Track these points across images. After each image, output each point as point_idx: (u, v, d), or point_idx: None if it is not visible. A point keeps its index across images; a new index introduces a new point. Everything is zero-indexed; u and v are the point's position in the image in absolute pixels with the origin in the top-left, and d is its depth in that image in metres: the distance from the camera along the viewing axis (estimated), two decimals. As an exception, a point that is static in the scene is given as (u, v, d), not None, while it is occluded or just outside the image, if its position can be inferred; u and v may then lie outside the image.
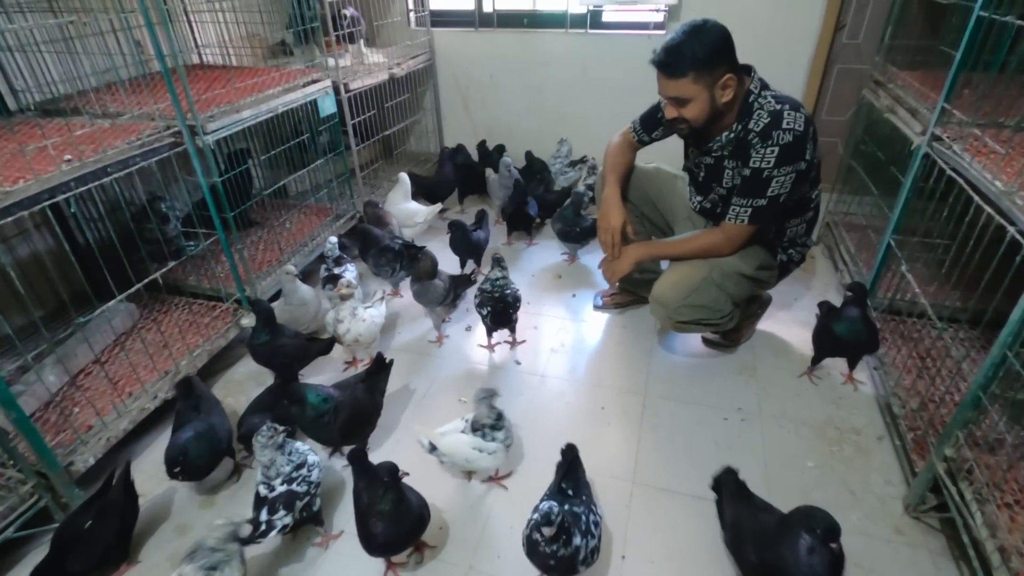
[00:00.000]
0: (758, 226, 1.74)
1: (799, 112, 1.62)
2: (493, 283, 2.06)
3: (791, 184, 1.65)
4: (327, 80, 2.47)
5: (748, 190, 1.69)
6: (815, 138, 1.66)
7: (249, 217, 2.64)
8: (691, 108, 1.66)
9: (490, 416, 1.53)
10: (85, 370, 1.87)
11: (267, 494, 1.38)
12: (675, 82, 1.63)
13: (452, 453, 1.54)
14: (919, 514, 1.51)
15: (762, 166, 1.64)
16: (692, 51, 1.57)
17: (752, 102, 1.67)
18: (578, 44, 3.19)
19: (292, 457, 1.43)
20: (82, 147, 1.56)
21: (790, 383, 2.00)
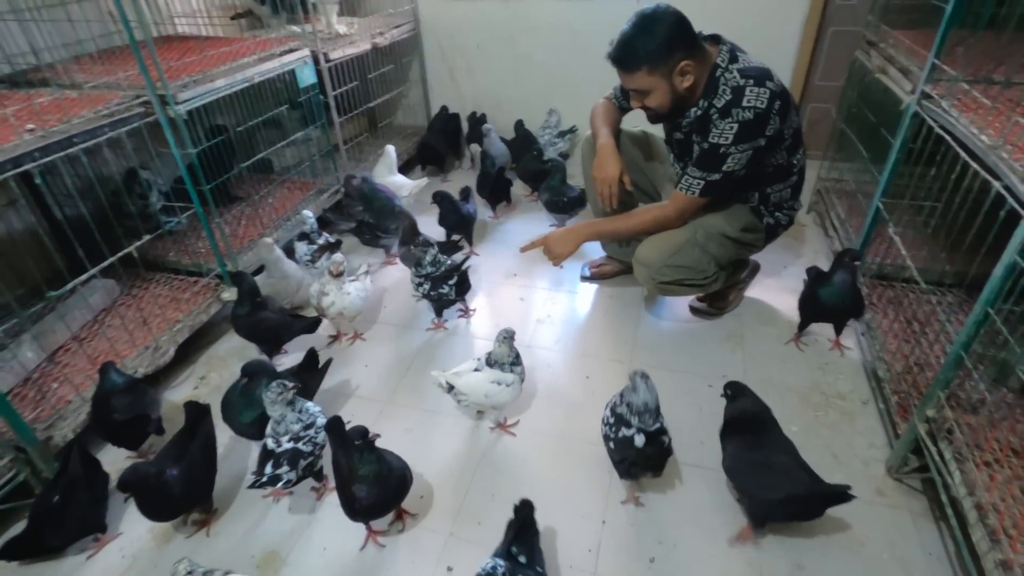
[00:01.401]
0: (709, 198, 1.73)
1: (763, 88, 1.57)
2: (435, 263, 2.03)
3: (748, 160, 1.64)
4: (305, 49, 2.41)
5: (703, 163, 1.68)
6: (785, 110, 1.62)
7: (231, 192, 2.60)
8: (652, 98, 1.66)
9: (509, 356, 1.59)
10: (64, 347, 1.86)
11: (274, 448, 1.41)
12: (631, 76, 1.63)
13: (471, 390, 1.59)
14: (901, 476, 1.51)
15: (719, 142, 1.62)
16: (643, 45, 1.57)
17: (718, 77, 1.64)
18: (566, 11, 3.11)
19: (302, 416, 1.45)
20: (46, 116, 1.52)
21: (777, 350, 1.98)
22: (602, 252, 2.44)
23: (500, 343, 1.59)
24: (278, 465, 1.39)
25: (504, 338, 1.58)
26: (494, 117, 3.41)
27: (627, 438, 1.34)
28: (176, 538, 1.48)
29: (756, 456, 1.37)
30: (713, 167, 1.66)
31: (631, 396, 1.35)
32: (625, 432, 1.35)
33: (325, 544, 1.44)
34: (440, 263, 2.05)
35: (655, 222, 1.83)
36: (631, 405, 1.35)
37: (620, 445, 1.36)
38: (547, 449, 1.67)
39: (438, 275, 2.04)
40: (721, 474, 1.55)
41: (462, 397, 1.61)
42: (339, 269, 1.92)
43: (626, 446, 1.35)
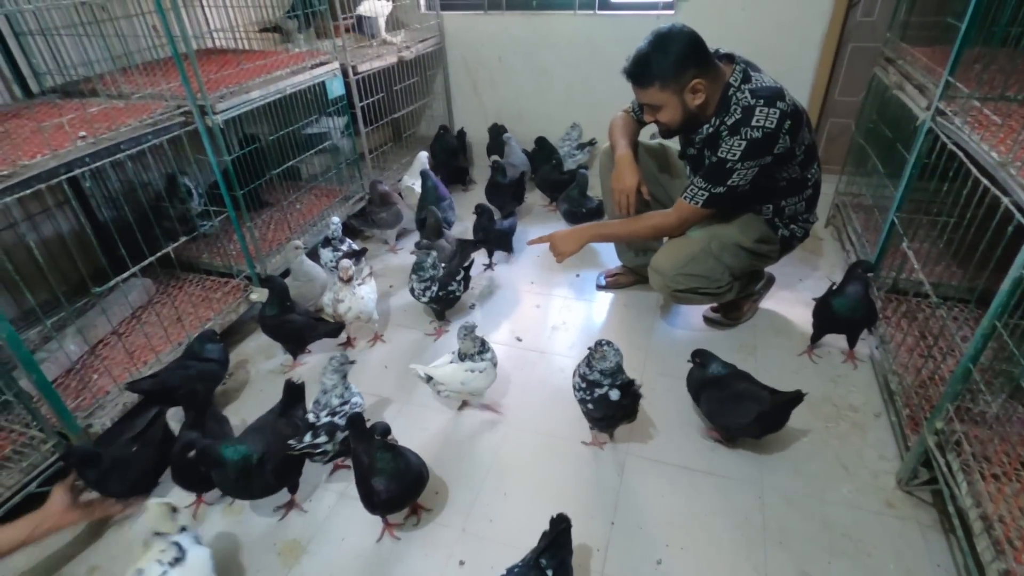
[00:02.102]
0: (712, 210, 1.78)
1: (774, 108, 1.61)
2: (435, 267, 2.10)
3: (753, 176, 1.69)
4: (335, 63, 2.51)
5: (710, 176, 1.73)
6: (796, 129, 1.66)
7: (261, 198, 2.71)
8: (664, 113, 1.73)
9: (474, 347, 1.71)
10: (104, 340, 1.96)
11: (314, 421, 1.53)
12: (644, 91, 1.70)
13: (447, 380, 1.70)
14: (911, 488, 1.51)
15: (727, 157, 1.67)
16: (657, 62, 1.63)
17: (731, 96, 1.69)
18: (587, 26, 3.18)
19: (344, 394, 1.59)
20: (96, 125, 1.63)
21: (789, 361, 2.00)
22: (618, 262, 2.49)
23: (462, 339, 1.70)
24: (317, 435, 1.50)
25: (464, 334, 1.69)
26: (515, 128, 3.48)
27: (604, 395, 1.54)
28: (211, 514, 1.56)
29: (725, 393, 1.62)
30: (718, 180, 1.70)
31: (602, 363, 1.53)
32: (599, 391, 1.54)
33: (343, 535, 1.50)
34: (439, 267, 2.13)
35: (655, 228, 1.89)
36: (603, 371, 1.53)
37: (599, 403, 1.55)
38: (558, 451, 1.71)
39: (443, 275, 2.12)
40: (732, 481, 1.58)
41: (441, 387, 1.73)
42: (348, 274, 1.99)
43: (605, 402, 1.54)
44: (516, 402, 1.89)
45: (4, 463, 1.52)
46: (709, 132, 1.75)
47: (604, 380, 1.53)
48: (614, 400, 1.53)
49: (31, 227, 2.04)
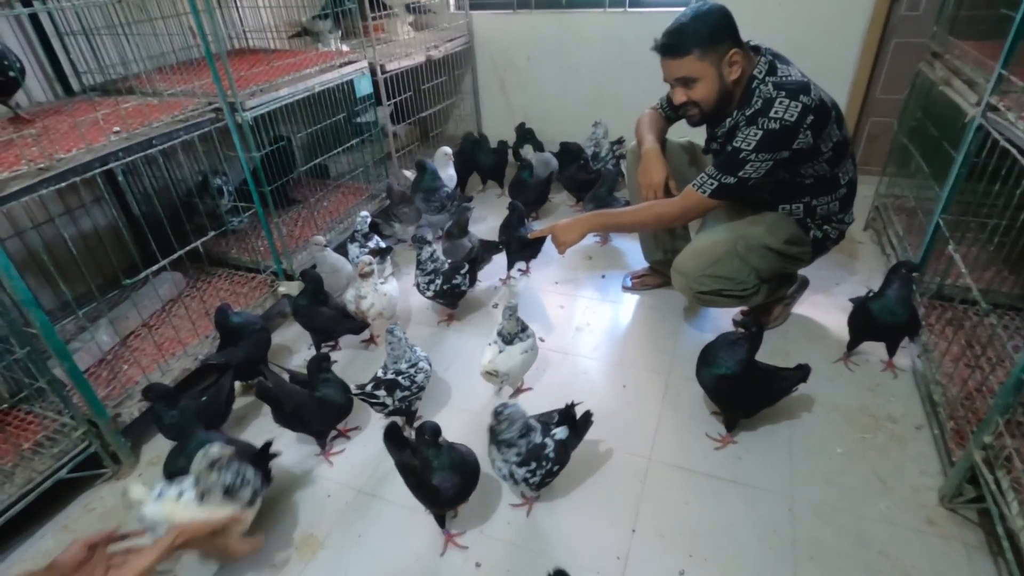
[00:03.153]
0: (718, 202, 1.71)
1: (796, 101, 1.54)
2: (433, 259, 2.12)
3: (767, 171, 1.61)
4: (363, 61, 2.53)
5: (722, 165, 1.66)
6: (822, 125, 1.58)
7: (289, 195, 2.74)
8: (700, 88, 1.65)
9: (517, 326, 1.75)
10: (135, 332, 2.01)
11: (381, 375, 1.66)
12: (680, 61, 1.62)
13: (513, 366, 1.75)
14: (955, 506, 1.42)
15: (741, 146, 1.61)
16: (695, 29, 1.58)
17: (754, 88, 1.63)
18: (616, 24, 3.14)
19: (411, 358, 1.69)
20: (130, 120, 1.67)
21: (823, 368, 1.91)
22: (644, 263, 2.43)
23: (507, 319, 1.74)
24: (378, 387, 1.63)
25: (509, 315, 1.73)
26: (542, 128, 3.45)
27: (550, 445, 1.42)
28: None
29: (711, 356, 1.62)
30: (730, 170, 1.64)
31: (509, 432, 1.36)
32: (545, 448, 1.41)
33: (360, 532, 1.50)
34: (438, 259, 2.14)
35: (658, 216, 1.83)
36: (511, 443, 1.37)
37: (558, 452, 1.43)
38: (579, 455, 1.65)
39: (447, 269, 2.12)
40: (760, 491, 1.52)
41: (505, 377, 1.77)
42: (365, 269, 1.99)
43: (561, 448, 1.44)
44: (537, 403, 1.85)
45: (36, 449, 1.56)
46: (731, 125, 1.69)
47: (531, 439, 1.38)
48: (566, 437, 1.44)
49: (70, 221, 2.11)
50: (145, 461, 1.75)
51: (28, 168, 1.40)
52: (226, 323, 1.84)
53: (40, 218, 1.90)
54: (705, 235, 1.87)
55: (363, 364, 2.09)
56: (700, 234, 1.91)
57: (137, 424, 1.74)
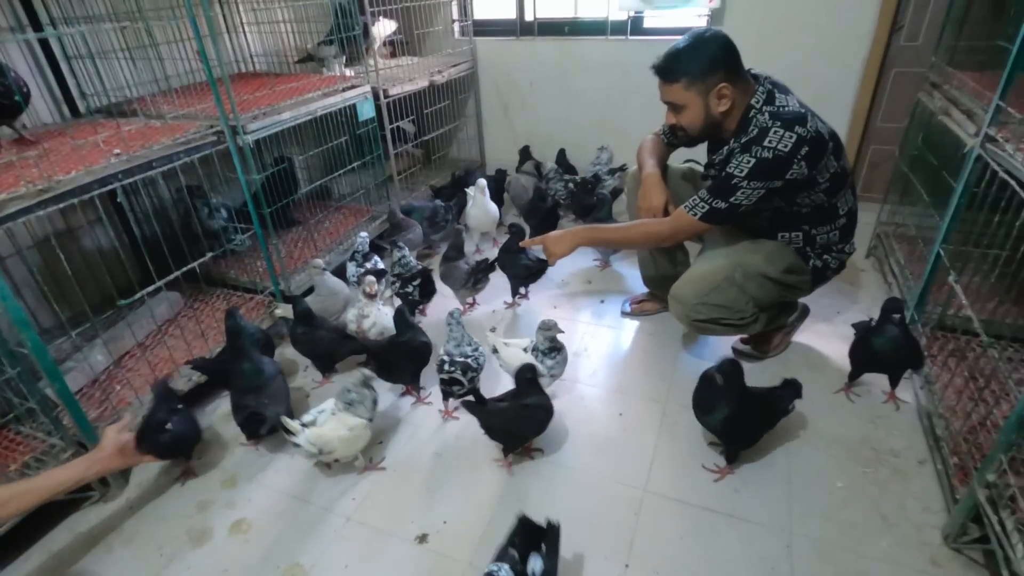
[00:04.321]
0: (708, 225, 1.71)
1: (791, 132, 1.54)
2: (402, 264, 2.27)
3: (759, 199, 1.61)
4: (367, 86, 2.57)
5: (715, 189, 1.67)
6: (817, 156, 1.57)
7: (290, 216, 2.76)
8: (685, 115, 1.68)
9: (543, 344, 1.79)
10: (129, 353, 2.00)
11: (450, 359, 1.77)
12: (669, 87, 1.66)
13: (508, 361, 1.83)
14: (960, 545, 1.38)
15: (734, 172, 1.61)
16: (687, 59, 1.60)
17: (751, 117, 1.64)
18: (618, 51, 3.18)
19: (470, 340, 1.83)
20: (131, 142, 1.69)
21: (824, 399, 1.88)
22: (644, 288, 2.42)
23: (539, 331, 1.80)
24: (453, 366, 1.76)
25: (544, 329, 1.79)
26: (545, 153, 3.48)
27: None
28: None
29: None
30: (721, 195, 1.64)
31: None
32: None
33: (347, 562, 1.46)
34: (408, 266, 2.25)
35: (647, 235, 1.85)
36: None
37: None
38: (573, 485, 1.64)
39: (406, 276, 2.24)
40: (758, 526, 1.48)
41: (502, 362, 1.87)
42: (373, 290, 1.99)
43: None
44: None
45: (23, 470, 1.54)
46: (727, 151, 1.70)
47: None
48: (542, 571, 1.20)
49: (70, 240, 2.12)
50: (135, 483, 1.73)
51: (27, 189, 1.41)
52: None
53: (39, 237, 1.92)
54: (703, 262, 1.86)
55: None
56: (698, 261, 1.90)
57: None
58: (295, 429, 1.57)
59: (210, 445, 1.85)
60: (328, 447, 1.58)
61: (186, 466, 1.74)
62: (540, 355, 1.80)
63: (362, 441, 1.64)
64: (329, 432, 1.58)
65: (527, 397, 1.60)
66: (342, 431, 1.59)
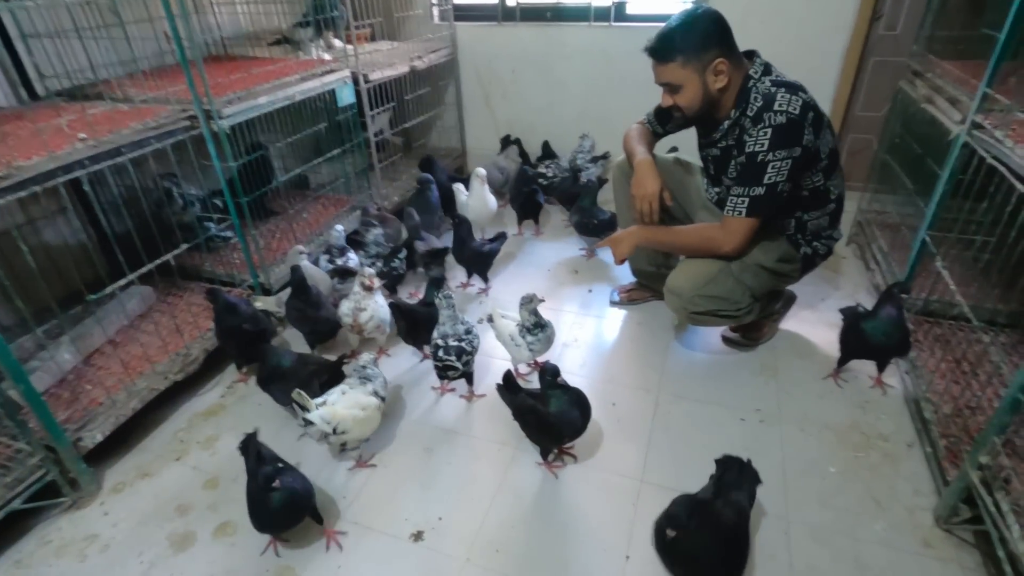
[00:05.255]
0: (759, 219, 1.66)
1: (796, 96, 1.54)
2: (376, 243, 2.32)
3: (788, 171, 1.57)
4: (346, 70, 2.47)
5: (744, 178, 1.63)
6: (819, 124, 1.58)
7: (267, 207, 2.66)
8: (683, 95, 1.64)
9: (528, 321, 1.81)
10: (99, 350, 1.90)
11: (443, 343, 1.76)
12: (665, 67, 1.62)
13: (498, 330, 1.88)
14: (951, 527, 1.40)
15: (756, 149, 1.58)
16: (681, 36, 1.57)
17: (750, 88, 1.62)
18: (602, 38, 3.13)
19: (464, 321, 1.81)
20: (97, 127, 1.58)
21: (813, 385, 1.90)
22: (631, 277, 2.40)
23: (520, 308, 1.81)
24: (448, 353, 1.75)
25: (523, 304, 1.80)
26: (528, 141, 3.44)
27: None
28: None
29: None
30: (754, 179, 1.60)
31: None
32: None
33: (340, 563, 1.41)
34: (381, 244, 2.26)
35: (702, 240, 1.77)
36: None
37: None
38: (569, 477, 1.62)
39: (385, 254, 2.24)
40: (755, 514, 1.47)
41: (495, 330, 1.91)
42: (372, 283, 1.93)
43: None
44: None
45: (-13, 477, 1.45)
46: (729, 125, 1.68)
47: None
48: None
49: (32, 232, 2.00)
50: (109, 487, 1.65)
51: (-17, 176, 1.31)
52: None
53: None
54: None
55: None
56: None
57: (101, 448, 1.63)
58: (310, 405, 1.49)
59: (191, 444, 1.77)
60: (342, 426, 1.51)
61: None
62: (524, 331, 1.82)
63: (374, 423, 1.60)
64: (343, 411, 1.53)
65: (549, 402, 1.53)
66: (356, 411, 1.54)
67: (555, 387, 1.51)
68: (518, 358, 1.90)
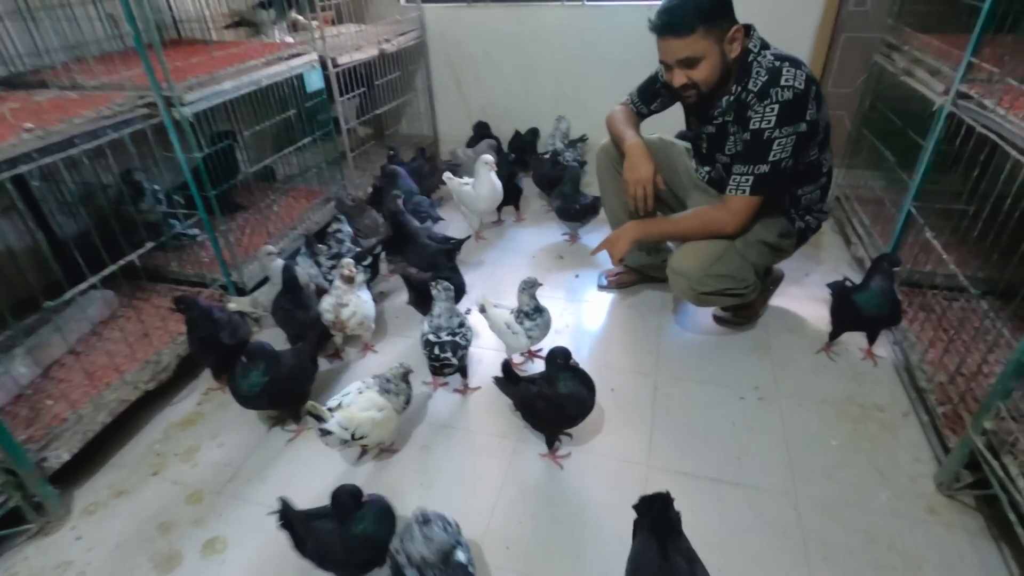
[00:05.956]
0: (762, 197, 1.64)
1: (800, 69, 1.52)
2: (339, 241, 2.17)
3: (793, 148, 1.55)
4: (313, 54, 2.34)
5: (749, 155, 1.59)
6: (819, 98, 1.57)
7: (234, 200, 2.51)
8: (702, 68, 1.56)
9: (528, 305, 1.75)
10: (60, 361, 1.75)
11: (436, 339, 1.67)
12: (683, 40, 1.52)
13: (492, 319, 1.80)
14: (953, 492, 1.42)
15: (762, 126, 1.54)
16: (697, 4, 1.48)
17: (751, 62, 1.58)
18: (575, 17, 3.07)
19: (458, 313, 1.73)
20: (46, 116, 1.43)
21: (807, 360, 1.90)
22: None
23: (520, 292, 1.75)
24: (443, 350, 1.66)
25: (523, 288, 1.74)
26: (500, 126, 3.36)
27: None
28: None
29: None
30: (759, 157, 1.56)
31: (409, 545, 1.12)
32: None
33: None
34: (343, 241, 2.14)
35: (704, 223, 1.73)
36: (410, 557, 1.10)
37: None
38: (575, 466, 1.58)
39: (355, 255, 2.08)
40: (764, 492, 1.47)
41: (488, 320, 1.82)
42: (351, 272, 1.82)
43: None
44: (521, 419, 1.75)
45: (-60, 508, 1.31)
46: (731, 102, 1.62)
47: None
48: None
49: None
50: (80, 509, 1.52)
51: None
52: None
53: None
54: None
55: (329, 382, 1.91)
56: None
57: (69, 467, 1.50)
58: (324, 415, 1.39)
59: (168, 457, 1.65)
60: (361, 430, 1.43)
61: None
62: (523, 317, 1.76)
63: (393, 424, 1.53)
64: (360, 413, 1.44)
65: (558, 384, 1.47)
66: (373, 412, 1.46)
67: (566, 369, 1.46)
68: (515, 347, 1.83)
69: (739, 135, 1.63)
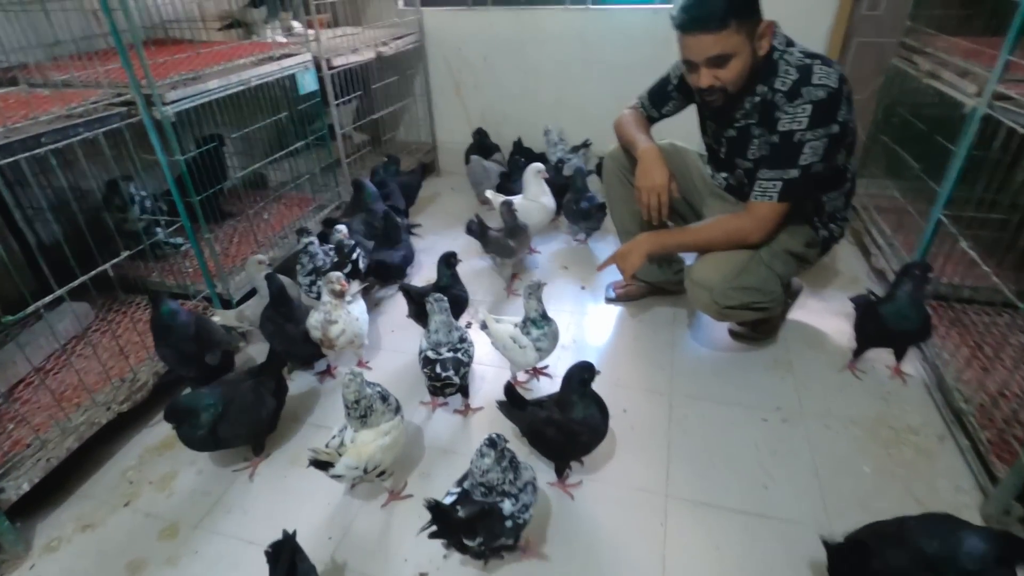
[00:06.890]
0: (789, 204, 1.52)
1: (832, 67, 1.41)
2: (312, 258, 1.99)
3: (824, 151, 1.44)
4: (307, 54, 2.23)
5: (777, 159, 1.48)
6: (850, 99, 1.46)
7: (222, 208, 2.39)
8: (732, 66, 1.44)
9: (535, 311, 1.61)
10: (25, 380, 1.61)
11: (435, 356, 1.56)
12: (714, 36, 1.39)
13: (495, 336, 1.68)
14: (1003, 526, 1.29)
15: (792, 128, 1.42)
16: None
17: (777, 60, 1.46)
18: (578, 21, 2.98)
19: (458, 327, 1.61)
20: (10, 113, 1.31)
21: (831, 378, 1.78)
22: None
23: (527, 298, 1.61)
24: (445, 368, 1.54)
25: (529, 293, 1.60)
26: (500, 133, 3.26)
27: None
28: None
29: None
30: (788, 162, 1.45)
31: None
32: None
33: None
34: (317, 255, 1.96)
35: (729, 235, 1.60)
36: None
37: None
38: (589, 495, 1.44)
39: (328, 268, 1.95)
40: (794, 525, 1.34)
41: (491, 338, 1.70)
42: (343, 286, 1.70)
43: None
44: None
45: None
46: (755, 102, 1.51)
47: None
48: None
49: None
50: (41, 545, 1.38)
51: None
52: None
53: None
54: None
55: (321, 400, 1.78)
56: None
57: (29, 498, 1.36)
58: (331, 457, 1.27)
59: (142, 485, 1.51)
60: (373, 462, 1.30)
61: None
62: (530, 326, 1.63)
63: (401, 442, 1.41)
64: (367, 447, 1.31)
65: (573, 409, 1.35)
66: (380, 439, 1.33)
67: (587, 390, 1.34)
68: (522, 362, 1.70)
69: (764, 138, 1.51)
